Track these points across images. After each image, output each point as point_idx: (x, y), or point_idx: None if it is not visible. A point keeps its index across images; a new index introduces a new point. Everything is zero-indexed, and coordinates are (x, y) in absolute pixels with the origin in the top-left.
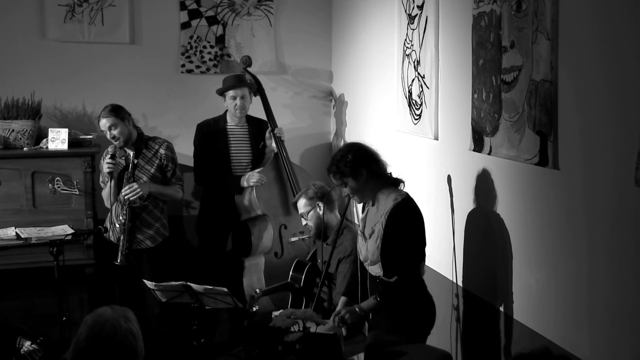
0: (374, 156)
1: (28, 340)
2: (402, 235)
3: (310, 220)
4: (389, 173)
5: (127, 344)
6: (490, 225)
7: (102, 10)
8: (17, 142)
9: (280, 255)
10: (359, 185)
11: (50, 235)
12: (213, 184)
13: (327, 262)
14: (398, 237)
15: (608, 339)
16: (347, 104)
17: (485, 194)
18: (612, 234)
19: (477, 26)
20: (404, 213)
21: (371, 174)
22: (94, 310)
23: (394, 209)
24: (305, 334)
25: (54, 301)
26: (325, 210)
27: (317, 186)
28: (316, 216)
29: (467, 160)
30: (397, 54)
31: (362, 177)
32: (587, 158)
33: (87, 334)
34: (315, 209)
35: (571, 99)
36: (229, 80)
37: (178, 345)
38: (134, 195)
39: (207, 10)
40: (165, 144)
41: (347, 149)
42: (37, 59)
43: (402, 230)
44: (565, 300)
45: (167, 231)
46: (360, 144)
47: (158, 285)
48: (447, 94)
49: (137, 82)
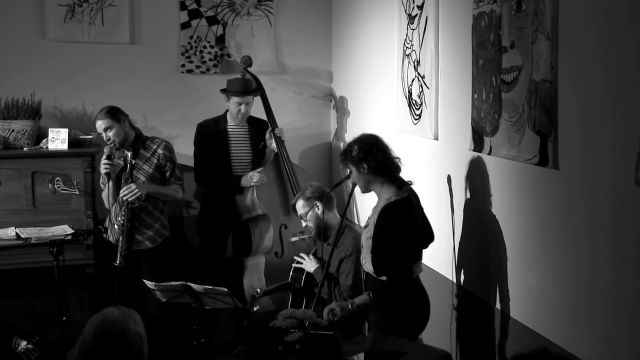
0: (379, 153)
1: (24, 340)
2: (388, 236)
3: (310, 220)
4: (393, 172)
5: (134, 345)
6: (490, 225)
7: (102, 10)
8: (17, 142)
9: (280, 255)
10: (360, 176)
11: (50, 235)
12: (213, 184)
13: (327, 262)
14: (385, 238)
15: (607, 339)
16: (347, 104)
17: (485, 194)
18: (612, 234)
19: (477, 26)
20: (392, 215)
21: (371, 170)
22: (94, 310)
23: (384, 208)
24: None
25: (54, 301)
26: (325, 209)
27: (315, 186)
28: (315, 216)
29: (467, 160)
30: (397, 54)
31: (364, 170)
32: (587, 158)
33: (95, 333)
34: (313, 209)
35: (571, 99)
36: (235, 84)
37: (178, 345)
38: (133, 196)
39: (207, 10)
40: (164, 143)
41: (357, 139)
42: (37, 59)
43: (388, 232)
44: (564, 300)
45: (168, 231)
46: (372, 138)
47: (158, 285)
48: (447, 94)
49: (137, 82)
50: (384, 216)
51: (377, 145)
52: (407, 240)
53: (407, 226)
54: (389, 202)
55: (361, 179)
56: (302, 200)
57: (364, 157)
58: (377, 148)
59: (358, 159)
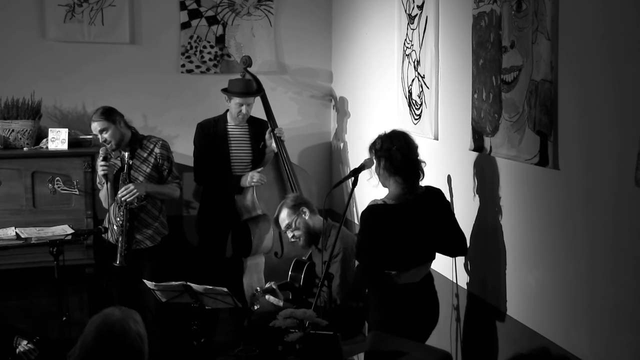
0: (397, 153)
1: (25, 339)
2: (358, 239)
3: (298, 228)
4: (407, 175)
5: (135, 345)
6: (490, 225)
7: (102, 10)
8: (17, 142)
9: (280, 255)
10: (377, 170)
11: (50, 235)
12: (213, 184)
13: (327, 262)
14: (357, 240)
15: (607, 339)
16: (347, 104)
17: (485, 194)
18: (612, 234)
19: (477, 26)
20: (363, 218)
21: (385, 168)
22: (94, 310)
23: (362, 211)
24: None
25: (54, 301)
26: (310, 214)
27: (294, 195)
28: (304, 222)
29: (467, 160)
30: (397, 54)
31: (380, 166)
32: (587, 158)
33: (96, 332)
34: (300, 215)
35: (571, 99)
36: (237, 85)
37: (178, 345)
38: (131, 196)
39: (207, 10)
40: (160, 142)
41: (387, 134)
42: (37, 59)
43: (359, 234)
44: (565, 300)
45: (167, 230)
46: (398, 136)
47: (158, 285)
48: (447, 94)
49: (137, 82)
50: (360, 218)
51: (399, 145)
52: (375, 246)
53: (376, 232)
54: (369, 205)
55: (377, 174)
56: (286, 210)
57: (382, 154)
58: (398, 147)
59: (377, 155)
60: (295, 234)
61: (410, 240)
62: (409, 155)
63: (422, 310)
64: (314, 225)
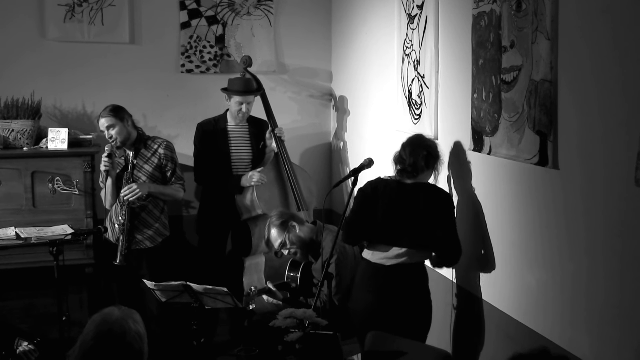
0: (403, 151)
1: (26, 340)
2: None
3: (293, 243)
4: (398, 166)
5: (134, 345)
6: (490, 225)
7: (102, 10)
8: (17, 142)
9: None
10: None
11: (50, 235)
12: (213, 184)
13: (327, 262)
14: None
15: (607, 339)
16: (347, 104)
17: (485, 194)
18: (612, 234)
19: (477, 26)
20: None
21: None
22: (94, 310)
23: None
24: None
25: (54, 301)
26: (299, 227)
27: (277, 212)
28: (296, 236)
29: (467, 160)
30: (397, 54)
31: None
32: (587, 158)
33: (95, 332)
34: (291, 230)
35: (571, 99)
36: (237, 84)
37: (178, 345)
38: (134, 196)
39: (207, 10)
40: (165, 143)
41: (430, 144)
42: (37, 59)
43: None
44: (565, 300)
45: (168, 231)
46: (411, 138)
47: (158, 285)
48: (447, 94)
49: (137, 82)
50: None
51: (405, 144)
52: (357, 210)
53: (361, 197)
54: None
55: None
56: (275, 229)
57: (427, 161)
58: (404, 146)
59: (425, 162)
60: (292, 250)
61: (385, 216)
62: (408, 153)
63: (389, 298)
64: (306, 235)
